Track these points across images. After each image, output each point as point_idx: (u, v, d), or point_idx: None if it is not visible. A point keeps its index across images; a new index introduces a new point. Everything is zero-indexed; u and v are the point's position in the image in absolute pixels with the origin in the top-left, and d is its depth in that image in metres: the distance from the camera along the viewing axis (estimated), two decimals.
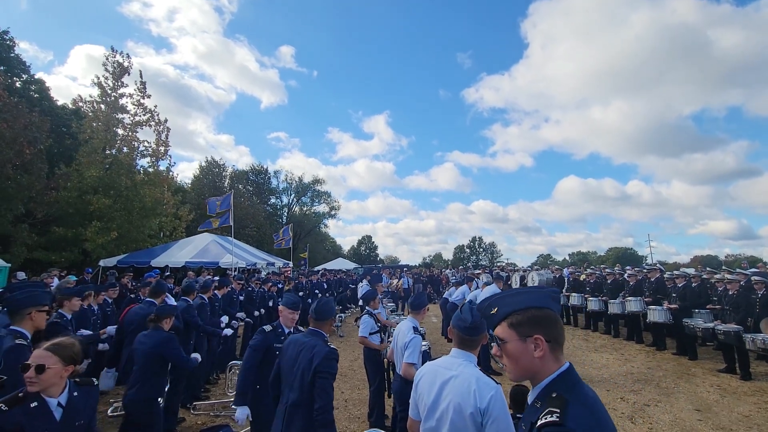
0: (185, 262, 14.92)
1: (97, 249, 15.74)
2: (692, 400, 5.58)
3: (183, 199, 26.49)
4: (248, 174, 43.87)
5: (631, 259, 61.05)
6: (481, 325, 1.91)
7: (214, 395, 6.02)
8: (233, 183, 36.68)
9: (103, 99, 17.34)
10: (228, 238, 16.72)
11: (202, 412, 5.36)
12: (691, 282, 8.40)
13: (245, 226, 31.87)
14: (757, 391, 5.93)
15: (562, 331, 1.20)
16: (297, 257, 32.23)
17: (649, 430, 4.66)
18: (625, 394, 5.86)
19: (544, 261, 70.77)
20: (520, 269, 18.48)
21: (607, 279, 11.01)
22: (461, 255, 76.14)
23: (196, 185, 33.25)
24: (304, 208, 47.68)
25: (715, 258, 61.90)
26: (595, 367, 7.35)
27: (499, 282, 8.19)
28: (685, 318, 7.76)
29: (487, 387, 1.68)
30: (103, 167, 16.77)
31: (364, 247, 68.91)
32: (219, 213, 12.78)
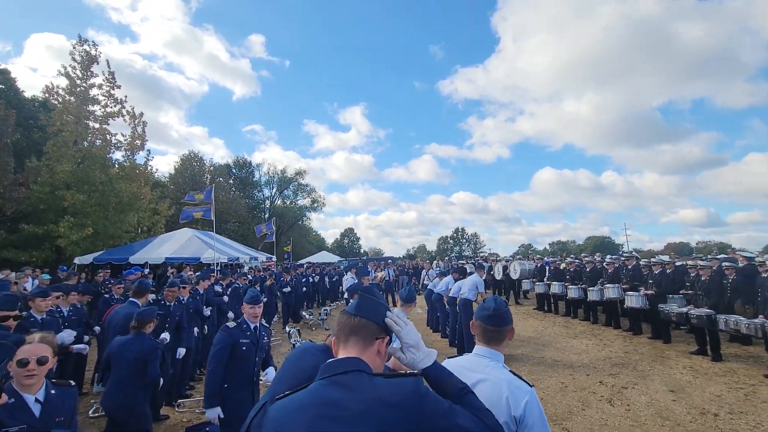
0: (165, 258, 14.58)
1: (71, 246, 15.21)
2: (667, 382, 5.81)
3: (162, 194, 25.82)
4: (230, 167, 43.05)
5: (608, 247, 62.85)
6: (507, 315, 1.70)
7: (199, 392, 5.95)
8: (215, 177, 35.90)
9: (72, 90, 16.63)
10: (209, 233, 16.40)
11: (186, 409, 5.29)
12: (666, 269, 8.72)
13: (227, 220, 31.36)
14: (728, 371, 6.22)
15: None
16: (280, 251, 31.97)
17: (626, 411, 4.84)
18: (603, 378, 6.06)
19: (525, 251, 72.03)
20: (502, 259, 18.78)
21: (587, 267, 11.31)
22: (445, 246, 76.91)
23: (176, 179, 32.40)
24: (287, 201, 47.16)
25: (687, 245, 64.37)
26: (576, 353, 7.57)
27: (480, 271, 8.31)
28: (661, 303, 8.06)
29: (521, 392, 1.50)
30: (75, 161, 16.12)
31: (347, 240, 68.92)
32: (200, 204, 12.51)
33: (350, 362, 1.14)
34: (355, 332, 1.19)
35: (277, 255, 25.87)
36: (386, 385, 1.06)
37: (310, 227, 53.19)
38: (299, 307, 12.46)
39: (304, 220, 48.68)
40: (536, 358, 7.33)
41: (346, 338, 1.20)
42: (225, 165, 42.29)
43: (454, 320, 8.26)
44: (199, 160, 35.88)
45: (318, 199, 47.16)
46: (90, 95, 17.16)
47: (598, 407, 4.99)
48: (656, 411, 4.83)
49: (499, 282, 15.56)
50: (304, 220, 48.68)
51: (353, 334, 1.19)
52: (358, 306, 1.23)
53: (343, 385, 1.07)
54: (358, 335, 1.19)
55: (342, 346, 1.21)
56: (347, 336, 1.20)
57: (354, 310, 1.23)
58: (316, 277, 15.44)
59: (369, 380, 1.08)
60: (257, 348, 3.34)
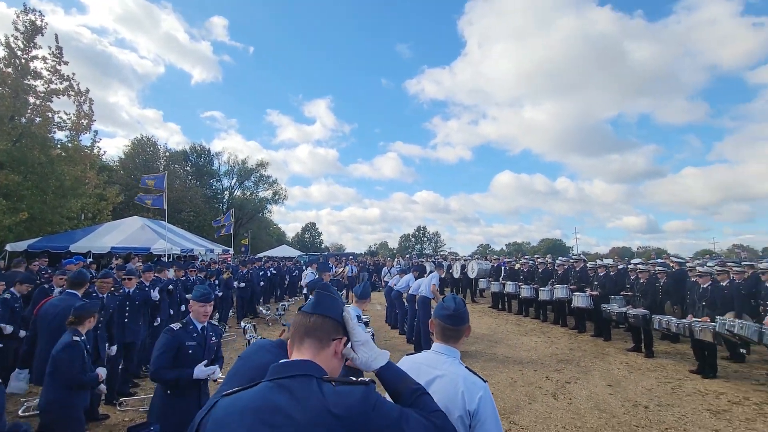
0: (111, 247, 13.67)
1: (3, 231, 13.86)
2: (605, 377, 6.24)
3: (110, 179, 24.15)
4: (187, 154, 40.98)
5: (559, 249, 66.46)
6: (465, 314, 1.75)
7: (144, 390, 5.65)
8: (170, 163, 34.03)
9: (10, 61, 15.10)
10: (161, 222, 15.56)
11: (129, 408, 5.01)
12: (610, 271, 9.34)
13: (181, 209, 29.88)
14: (658, 367, 6.77)
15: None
16: (238, 244, 30.96)
17: (568, 405, 5.14)
18: (550, 373, 6.40)
19: (483, 250, 74.54)
20: (461, 258, 19.30)
21: (539, 268, 11.87)
22: (407, 244, 77.83)
23: (126, 164, 30.38)
24: (247, 192, 45.68)
25: (629, 249, 69.28)
26: (525, 350, 7.94)
27: (440, 270, 8.50)
28: (604, 304, 8.62)
29: (476, 387, 1.56)
30: (11, 139, 14.67)
31: (308, 235, 67.93)
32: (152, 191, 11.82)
33: (300, 365, 1.08)
34: (310, 333, 1.14)
35: (234, 247, 25.02)
36: (333, 394, 1.01)
37: (271, 220, 51.87)
38: (256, 302, 12.14)
39: (265, 213, 47.40)
40: (489, 354, 7.61)
41: (301, 339, 1.14)
42: (181, 151, 40.24)
43: (412, 317, 8.39)
44: (152, 144, 33.85)
45: (280, 191, 46.11)
46: (31, 68, 15.67)
47: (543, 401, 5.27)
48: (594, 404, 5.16)
49: (457, 280, 15.97)
50: (265, 213, 47.40)
51: (309, 336, 1.14)
52: (315, 304, 1.18)
53: (289, 390, 1.01)
54: (314, 336, 1.13)
55: (296, 347, 1.14)
56: (302, 337, 1.14)
57: (311, 308, 1.18)
58: (274, 271, 15.10)
59: (317, 387, 1.02)
60: (205, 350, 3.09)
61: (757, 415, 4.76)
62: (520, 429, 4.47)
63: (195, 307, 3.11)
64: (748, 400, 5.24)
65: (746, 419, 4.66)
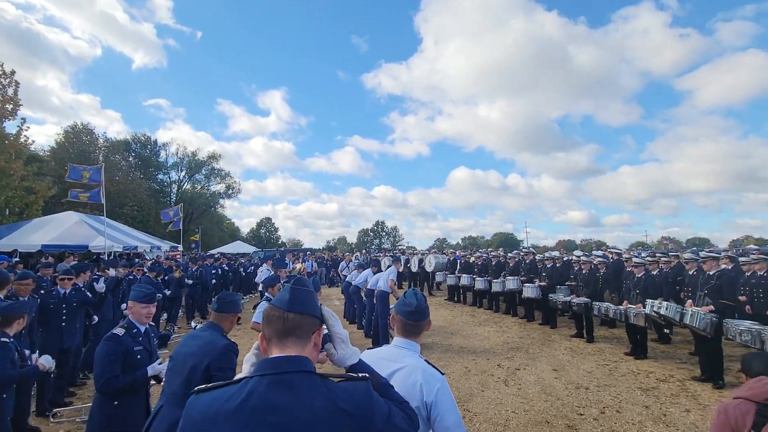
0: (42, 245, 12.48)
1: None
2: (551, 362, 6.64)
3: (39, 170, 22.00)
4: (129, 144, 38.21)
5: (511, 243, 69.59)
6: (426, 310, 1.78)
7: (81, 399, 5.23)
8: (109, 154, 31.55)
9: None
10: (100, 217, 14.42)
11: (65, 419, 4.62)
12: (556, 263, 9.93)
13: (124, 204, 27.87)
14: (598, 351, 7.31)
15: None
16: (188, 240, 29.46)
17: (518, 390, 5.42)
18: (501, 361, 6.71)
19: (440, 244, 76.39)
20: (419, 253, 19.65)
21: (492, 261, 12.36)
22: (365, 238, 77.98)
23: (58, 154, 27.76)
24: (198, 186, 43.50)
25: (573, 242, 74.05)
26: (479, 339, 8.25)
27: (397, 264, 8.60)
28: (551, 294, 9.15)
29: (434, 379, 1.59)
30: None
31: (264, 230, 65.97)
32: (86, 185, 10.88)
33: (298, 361, 1.03)
34: (291, 332, 1.07)
35: (183, 244, 23.76)
36: (339, 390, 1.00)
37: (224, 215, 49.78)
38: (207, 301, 11.63)
39: (217, 208, 45.44)
40: (445, 345, 7.83)
41: (282, 338, 1.07)
42: (122, 141, 37.40)
43: (370, 312, 8.42)
44: (89, 133, 31.18)
45: (233, 185, 44.39)
46: None
47: (495, 388, 5.51)
48: (541, 388, 5.48)
49: (414, 274, 16.25)
50: (217, 208, 45.44)
51: (291, 335, 1.07)
52: (292, 301, 1.10)
53: (290, 387, 0.97)
54: (295, 335, 1.07)
55: (277, 345, 1.07)
56: (283, 337, 1.07)
57: (287, 306, 1.09)
58: (226, 268, 14.54)
59: (321, 383, 1.00)
60: (152, 354, 2.91)
61: (680, 391, 5.28)
62: (473, 416, 4.64)
63: (136, 309, 2.87)
64: (673, 377, 5.80)
65: (671, 395, 5.16)
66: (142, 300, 2.88)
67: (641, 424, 4.36)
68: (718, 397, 5.00)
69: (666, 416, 4.53)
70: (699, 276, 6.31)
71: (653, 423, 4.37)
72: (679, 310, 5.84)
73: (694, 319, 5.52)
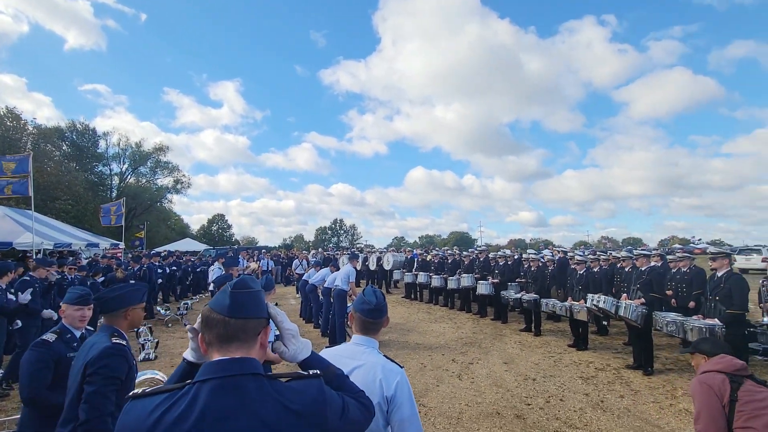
0: None
1: None
2: (502, 355, 6.93)
3: None
4: (63, 132, 34.94)
5: (466, 241, 71.95)
6: (385, 307, 1.80)
7: (5, 411, 4.72)
8: (40, 142, 28.68)
9: None
10: (27, 211, 13.09)
11: None
12: (508, 261, 10.38)
13: (56, 197, 25.50)
14: (544, 343, 7.73)
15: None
16: (131, 237, 27.54)
17: (471, 384, 5.60)
18: (455, 356, 6.90)
19: (398, 243, 77.25)
20: (377, 251, 19.72)
21: (448, 259, 12.69)
22: (323, 236, 77.06)
23: None
24: (143, 179, 40.75)
25: (523, 241, 78.00)
26: (434, 335, 8.44)
27: (354, 261, 8.58)
28: (502, 290, 9.55)
29: (393, 373, 1.62)
30: None
31: (216, 227, 63.13)
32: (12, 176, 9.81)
33: (243, 364, 0.98)
34: (234, 337, 1.00)
35: (126, 241, 22.17)
36: (288, 391, 0.97)
37: (172, 211, 46.99)
38: (152, 302, 10.94)
39: (164, 203, 42.83)
40: (401, 342, 7.92)
41: (225, 344, 1.00)
42: (55, 128, 34.11)
43: (327, 310, 8.33)
44: (15, 117, 28.17)
45: (182, 179, 42.01)
46: None
47: (449, 382, 5.65)
48: (493, 381, 5.70)
49: (372, 272, 16.29)
50: (164, 203, 42.83)
51: (234, 340, 1.00)
52: (233, 306, 1.01)
53: (236, 392, 0.92)
54: (239, 339, 1.01)
55: (218, 350, 1.00)
56: (226, 342, 1.00)
57: (228, 311, 1.00)
58: (174, 267, 13.76)
59: (269, 385, 0.96)
60: None
61: (616, 378, 5.72)
62: (428, 410, 4.73)
63: (69, 312, 2.63)
64: (610, 366, 6.27)
65: (608, 382, 5.57)
66: (75, 302, 2.64)
67: (581, 410, 4.66)
68: (647, 383, 5.48)
69: (603, 402, 4.88)
70: (633, 272, 6.86)
71: (592, 409, 4.69)
72: (614, 303, 6.32)
73: (627, 311, 6.00)
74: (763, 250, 20.26)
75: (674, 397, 4.99)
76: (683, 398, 4.92)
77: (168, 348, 7.53)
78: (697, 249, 27.97)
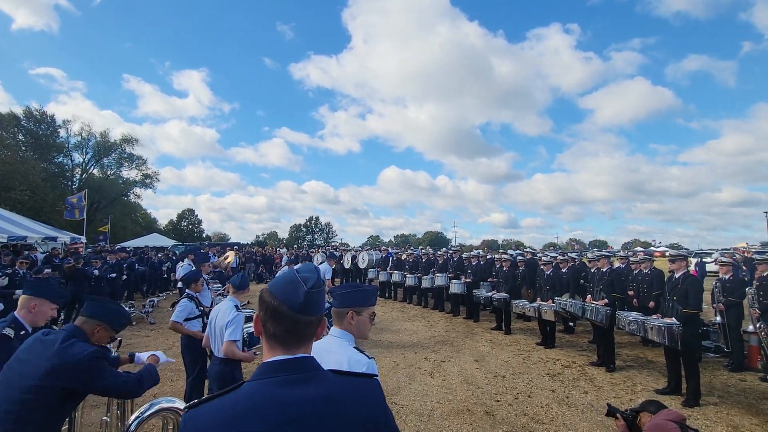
0: None
1: None
2: (473, 353, 7.05)
3: None
4: (20, 119, 32.84)
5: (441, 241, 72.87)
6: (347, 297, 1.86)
7: None
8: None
9: None
10: None
11: None
12: (480, 261, 10.58)
13: (11, 187, 23.97)
14: (514, 342, 7.93)
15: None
16: (94, 231, 26.29)
17: (443, 381, 5.67)
18: (428, 354, 6.97)
19: (373, 242, 77.28)
20: (352, 249, 19.65)
21: (423, 259, 12.80)
22: (297, 234, 76.08)
23: None
24: (107, 171, 38.93)
25: (495, 242, 79.79)
26: (408, 334, 8.49)
27: (331, 261, 8.52)
28: (474, 289, 9.72)
29: (359, 364, 1.67)
30: None
31: (186, 222, 61.12)
32: None
33: (308, 362, 1.02)
34: (302, 336, 1.03)
35: (88, 236, 21.11)
36: (351, 385, 1.03)
37: (138, 205, 45.08)
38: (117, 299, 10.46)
39: (131, 196, 41.09)
40: (375, 340, 7.92)
41: (289, 340, 1.01)
42: (10, 115, 31.99)
43: None
44: None
45: (151, 174, 40.41)
46: None
47: (421, 380, 5.71)
48: (464, 378, 5.80)
49: (347, 270, 16.22)
50: (131, 196, 41.09)
51: (302, 338, 1.03)
52: (307, 306, 1.01)
53: (306, 384, 0.96)
54: (307, 337, 1.04)
55: (282, 347, 1.01)
56: (291, 338, 1.01)
57: (300, 309, 1.00)
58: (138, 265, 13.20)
59: (335, 379, 1.02)
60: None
61: (581, 375, 5.94)
62: (400, 408, 4.76)
63: (44, 308, 2.47)
64: (575, 363, 6.51)
65: (573, 379, 5.78)
66: (55, 300, 2.53)
67: (548, 406, 4.82)
68: (610, 380, 5.72)
69: (569, 398, 5.06)
70: (597, 273, 7.15)
71: (558, 405, 4.85)
72: (581, 306, 6.57)
73: (593, 314, 6.25)
74: (715, 253, 21.58)
75: (634, 393, 5.23)
76: (642, 393, 5.16)
77: (132, 347, 7.22)
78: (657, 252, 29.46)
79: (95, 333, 2.07)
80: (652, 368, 6.19)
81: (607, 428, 4.24)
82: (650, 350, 7.08)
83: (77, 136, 36.68)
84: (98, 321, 2.07)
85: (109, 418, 2.93)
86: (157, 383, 2.22)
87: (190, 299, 4.29)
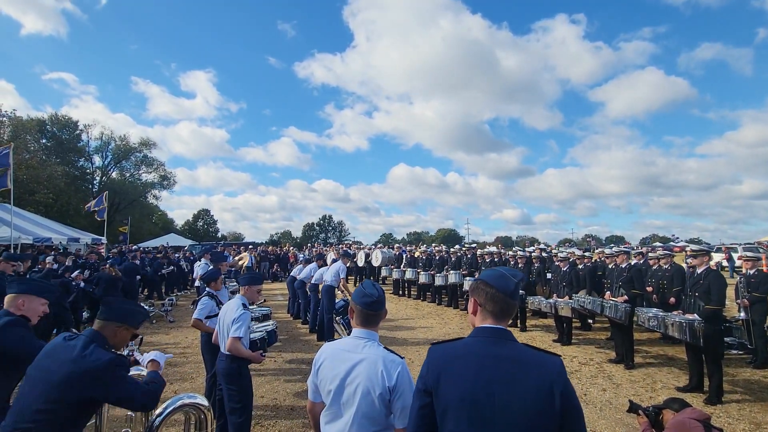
0: None
1: None
2: None
3: None
4: (45, 125, 33.89)
5: (455, 238, 72.47)
6: (384, 300, 1.88)
7: None
8: (18, 133, 27.75)
9: None
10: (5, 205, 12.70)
11: None
12: (495, 257, 10.51)
13: (35, 191, 24.77)
14: (530, 338, 7.87)
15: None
16: (113, 232, 27.01)
17: None
18: None
19: (386, 239, 77.36)
20: (365, 247, 19.73)
21: (436, 256, 12.78)
22: (311, 232, 76.70)
23: None
24: (126, 174, 39.89)
25: (509, 238, 78.99)
26: (422, 331, 8.50)
27: (345, 259, 8.56)
28: None
29: (394, 364, 1.71)
30: None
31: (201, 222, 62.24)
32: None
33: (507, 333, 1.41)
34: (508, 313, 1.43)
35: (108, 236, 21.70)
36: (540, 357, 1.37)
37: (156, 206, 46.07)
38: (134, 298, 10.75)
39: (149, 198, 42.03)
40: (390, 338, 7.96)
41: (499, 315, 1.42)
42: (35, 120, 33.03)
43: (315, 306, 8.31)
44: None
45: (168, 176, 41.27)
46: None
47: None
48: None
49: (361, 269, 16.30)
50: (149, 198, 42.03)
51: (507, 315, 1.43)
52: (515, 293, 1.41)
53: (505, 343, 1.38)
54: (510, 315, 1.44)
55: (492, 318, 1.42)
56: (500, 315, 1.42)
57: (511, 295, 1.40)
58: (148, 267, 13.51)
59: (526, 349, 1.38)
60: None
61: (599, 372, 5.86)
62: None
63: (33, 304, 2.49)
64: (593, 360, 6.42)
65: (591, 376, 5.70)
66: (42, 294, 2.52)
67: None
68: (629, 377, 5.63)
69: (586, 395, 5.00)
70: (615, 269, 7.03)
71: None
72: (599, 303, 6.47)
73: (612, 311, 6.15)
74: (738, 248, 20.95)
75: (654, 390, 5.14)
76: (662, 391, 5.07)
77: (152, 345, 7.41)
78: (677, 247, 28.75)
79: (117, 334, 2.06)
80: (673, 365, 6.07)
81: (627, 426, 4.18)
82: (670, 347, 6.94)
83: (97, 140, 37.72)
84: (117, 323, 2.06)
85: (134, 413, 3.03)
86: (163, 387, 2.23)
87: (211, 297, 4.37)
